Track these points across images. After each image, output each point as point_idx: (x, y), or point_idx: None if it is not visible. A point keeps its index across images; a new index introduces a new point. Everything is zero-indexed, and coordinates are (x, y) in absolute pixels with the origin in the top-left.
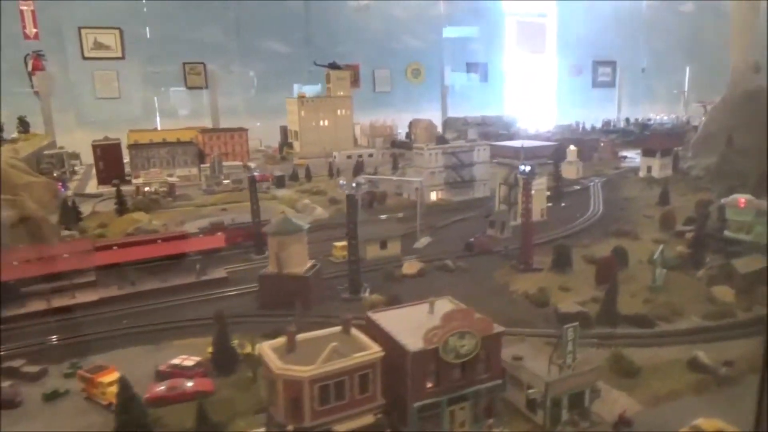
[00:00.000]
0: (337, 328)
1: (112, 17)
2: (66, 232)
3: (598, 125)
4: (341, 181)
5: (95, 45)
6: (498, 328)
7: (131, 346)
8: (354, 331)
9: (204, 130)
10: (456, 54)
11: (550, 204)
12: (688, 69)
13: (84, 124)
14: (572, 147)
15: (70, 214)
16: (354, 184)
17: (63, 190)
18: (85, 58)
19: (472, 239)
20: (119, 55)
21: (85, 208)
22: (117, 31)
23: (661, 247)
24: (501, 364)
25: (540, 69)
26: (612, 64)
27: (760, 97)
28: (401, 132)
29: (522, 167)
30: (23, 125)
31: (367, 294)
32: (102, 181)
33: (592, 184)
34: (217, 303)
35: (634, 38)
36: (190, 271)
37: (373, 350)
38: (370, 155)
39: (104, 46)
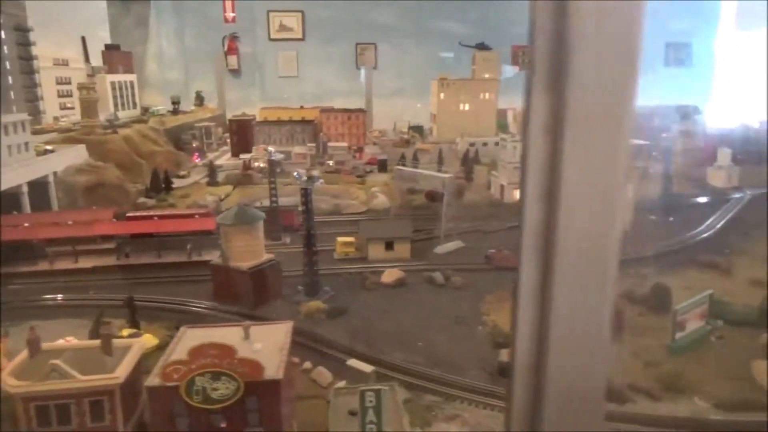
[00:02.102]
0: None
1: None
2: (141, 199)
3: None
4: (295, 173)
5: (280, 27)
6: (275, 375)
7: (75, 317)
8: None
9: (323, 110)
10: (654, 33)
11: (652, 217)
12: None
13: (267, 99)
14: (725, 150)
15: (158, 183)
16: (305, 177)
17: (198, 160)
18: (271, 39)
19: (492, 251)
20: (300, 36)
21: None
22: (299, 14)
23: (707, 292)
24: (279, 418)
25: (761, 53)
26: None
27: None
28: None
29: None
30: (198, 99)
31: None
32: (234, 153)
33: (738, 196)
34: (184, 286)
35: None
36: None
37: (110, 375)
38: (496, 143)
39: (287, 28)
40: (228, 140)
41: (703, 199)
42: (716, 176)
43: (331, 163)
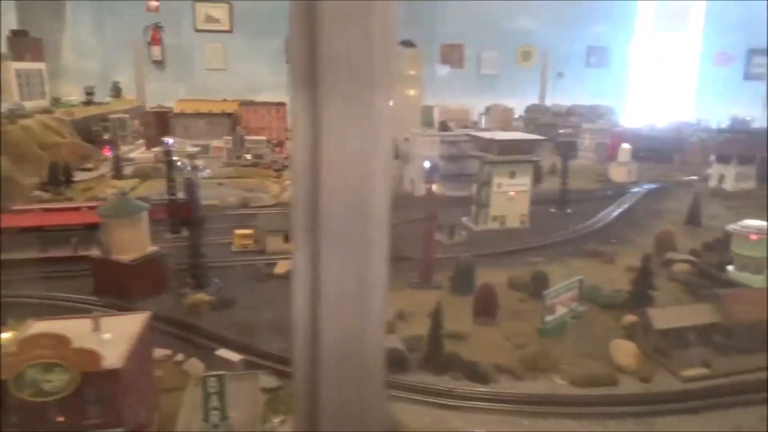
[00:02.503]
0: None
1: None
2: (36, 192)
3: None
4: (179, 162)
5: (207, 18)
6: (115, 365)
7: None
8: None
9: (243, 103)
10: (576, 37)
11: (551, 210)
12: None
13: (194, 92)
14: (625, 145)
15: (57, 176)
16: (190, 168)
17: (109, 153)
18: (197, 31)
19: None
20: (228, 28)
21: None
22: (227, 5)
23: (578, 278)
24: (121, 409)
25: (678, 56)
26: None
27: None
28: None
29: (425, 163)
30: (115, 90)
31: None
32: (149, 146)
33: (635, 191)
34: (69, 281)
35: None
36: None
37: None
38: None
39: (214, 20)
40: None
41: (607, 193)
42: (617, 172)
43: (249, 156)
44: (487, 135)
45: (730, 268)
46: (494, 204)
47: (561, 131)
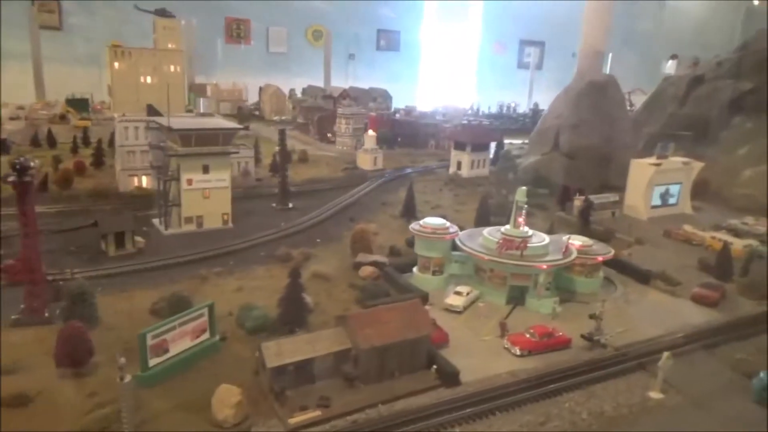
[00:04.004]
0: None
1: None
2: None
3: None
4: None
5: None
6: None
7: None
8: None
9: None
10: (366, 19)
11: (272, 205)
12: (610, 56)
13: None
14: (370, 132)
15: None
16: None
17: None
18: None
19: (10, 261)
20: None
21: None
22: None
23: (207, 304)
24: None
25: (461, 43)
26: (540, 44)
27: (605, 89)
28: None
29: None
30: None
31: None
32: None
33: (376, 180)
34: None
35: (567, 18)
36: None
37: None
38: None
39: None
40: None
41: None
42: (363, 159)
43: None
44: (175, 122)
45: (415, 269)
46: (186, 203)
47: (276, 118)
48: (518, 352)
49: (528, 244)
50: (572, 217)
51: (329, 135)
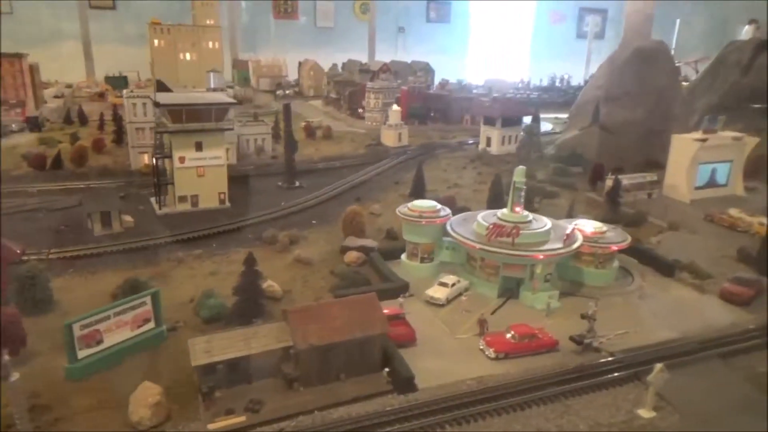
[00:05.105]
0: None
1: None
2: None
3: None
4: None
5: None
6: None
7: None
8: None
9: None
10: None
11: (278, 184)
12: (678, 21)
13: None
14: (394, 107)
15: None
16: None
17: None
18: None
19: None
20: None
21: None
22: None
23: (151, 290)
24: None
25: (515, 13)
26: (603, 12)
27: (654, 56)
28: None
29: None
30: None
31: None
32: None
33: (396, 157)
34: None
35: None
36: None
37: None
38: None
39: None
40: None
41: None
42: (387, 135)
43: None
44: (164, 97)
45: (403, 256)
46: (179, 181)
47: (278, 92)
48: (493, 355)
49: (522, 231)
50: (601, 198)
51: (360, 110)
